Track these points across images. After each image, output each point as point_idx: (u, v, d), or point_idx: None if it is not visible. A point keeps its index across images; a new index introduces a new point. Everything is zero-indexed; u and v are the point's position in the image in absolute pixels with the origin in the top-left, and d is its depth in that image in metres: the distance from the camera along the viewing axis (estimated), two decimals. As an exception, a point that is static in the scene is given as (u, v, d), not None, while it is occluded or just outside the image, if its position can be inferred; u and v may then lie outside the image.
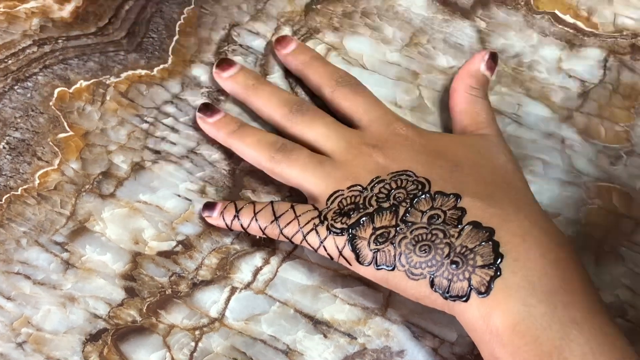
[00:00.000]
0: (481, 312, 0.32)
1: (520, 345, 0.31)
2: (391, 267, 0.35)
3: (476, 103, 0.41)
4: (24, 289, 0.39)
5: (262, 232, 0.38)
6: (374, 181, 0.37)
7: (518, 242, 0.33)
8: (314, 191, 0.38)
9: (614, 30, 0.45)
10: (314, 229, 0.36)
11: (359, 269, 0.36)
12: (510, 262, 0.32)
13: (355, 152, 0.38)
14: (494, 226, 0.34)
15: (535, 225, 0.34)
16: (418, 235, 0.34)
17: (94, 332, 0.39)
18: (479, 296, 0.32)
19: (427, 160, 0.37)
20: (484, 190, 0.36)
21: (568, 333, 0.31)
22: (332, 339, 0.39)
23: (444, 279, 0.33)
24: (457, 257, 0.33)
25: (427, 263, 0.34)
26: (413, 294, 0.34)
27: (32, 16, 0.45)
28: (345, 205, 0.36)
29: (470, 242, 0.33)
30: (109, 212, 0.41)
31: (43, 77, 0.43)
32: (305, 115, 0.40)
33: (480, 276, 0.32)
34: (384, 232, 0.35)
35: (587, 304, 0.32)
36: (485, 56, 0.42)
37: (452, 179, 0.36)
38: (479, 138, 0.39)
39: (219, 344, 0.38)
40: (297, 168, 0.38)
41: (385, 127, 0.39)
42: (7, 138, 0.42)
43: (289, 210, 0.38)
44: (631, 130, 0.43)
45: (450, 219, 0.34)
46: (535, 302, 0.31)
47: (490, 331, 0.32)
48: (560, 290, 0.32)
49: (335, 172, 0.38)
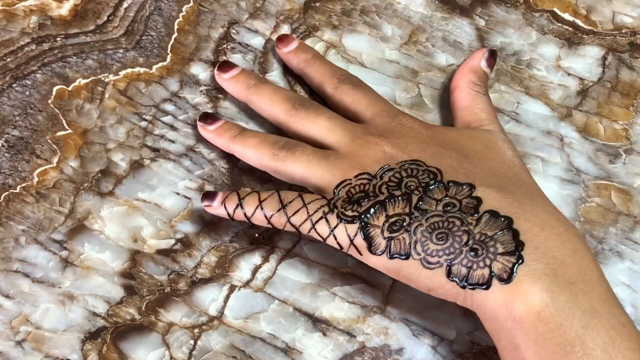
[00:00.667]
0: (504, 299, 0.32)
1: (544, 333, 0.31)
2: (405, 256, 0.34)
3: (479, 99, 0.41)
4: (23, 287, 0.39)
5: (267, 221, 0.37)
6: (384, 169, 0.36)
7: (537, 232, 0.33)
8: (320, 183, 0.37)
9: (612, 28, 0.45)
10: (323, 217, 0.35)
11: (369, 258, 0.35)
12: (531, 250, 0.32)
13: (361, 142, 0.37)
14: (511, 215, 0.33)
15: (552, 215, 0.34)
16: (434, 222, 0.34)
17: (93, 331, 0.39)
18: (501, 283, 0.32)
19: (437, 151, 0.37)
20: (497, 182, 0.35)
21: (589, 322, 0.31)
22: (331, 337, 0.39)
23: (463, 266, 0.33)
24: (476, 245, 0.33)
25: (444, 251, 0.33)
26: (427, 284, 0.34)
27: (31, 14, 0.45)
28: (355, 194, 0.36)
29: (489, 230, 0.33)
30: (107, 210, 0.41)
31: (42, 75, 0.43)
32: (308, 110, 0.40)
33: (502, 263, 0.32)
34: (398, 220, 0.34)
35: (604, 294, 0.32)
36: (485, 53, 0.42)
37: (463, 169, 0.36)
38: (486, 132, 0.39)
39: (218, 342, 0.38)
40: (302, 163, 0.38)
41: (391, 119, 0.39)
42: (6, 136, 0.42)
43: (297, 198, 0.37)
44: (630, 129, 0.43)
45: (467, 207, 0.34)
46: (558, 290, 0.31)
47: (513, 318, 0.31)
48: (580, 279, 0.32)
49: (341, 162, 0.37)
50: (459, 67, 0.43)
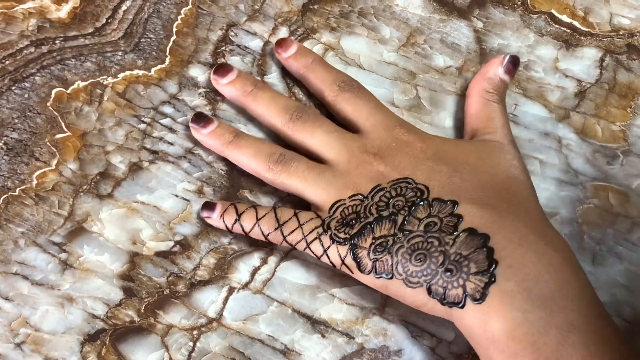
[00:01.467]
0: (477, 318, 0.32)
1: (518, 351, 0.31)
2: (390, 276, 0.35)
3: (489, 107, 0.40)
4: (22, 290, 0.39)
5: (264, 237, 0.38)
6: (375, 189, 0.37)
7: (513, 248, 0.33)
8: (316, 200, 0.38)
9: (610, 29, 0.45)
10: (317, 237, 0.37)
11: (360, 277, 0.36)
12: (504, 268, 0.33)
13: (356, 161, 0.38)
14: (490, 232, 0.34)
15: (533, 230, 0.34)
16: (414, 244, 0.35)
17: (92, 333, 0.39)
18: (474, 303, 0.32)
19: (427, 166, 0.37)
20: (482, 196, 0.36)
21: (566, 337, 0.31)
22: (330, 339, 0.39)
23: (439, 287, 0.33)
24: (451, 265, 0.33)
25: (422, 272, 0.34)
26: (412, 301, 0.35)
27: (30, 17, 0.45)
28: (348, 215, 0.37)
29: (465, 249, 0.34)
30: (106, 213, 0.41)
31: (40, 77, 0.43)
32: (306, 122, 0.40)
33: (474, 283, 0.33)
34: (383, 242, 0.35)
35: (584, 308, 0.32)
36: (505, 60, 0.42)
37: (451, 184, 0.36)
38: (482, 143, 0.39)
39: (217, 344, 0.38)
40: (297, 179, 0.38)
41: (387, 132, 0.39)
42: (5, 139, 0.42)
43: (293, 217, 0.38)
44: (627, 130, 0.43)
45: (447, 226, 0.35)
46: (531, 308, 0.31)
47: (487, 337, 0.32)
48: (557, 295, 0.32)
49: (337, 181, 0.38)
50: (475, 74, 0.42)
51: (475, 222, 0.34)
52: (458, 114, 0.43)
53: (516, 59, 0.42)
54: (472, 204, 0.35)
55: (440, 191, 0.36)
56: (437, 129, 0.43)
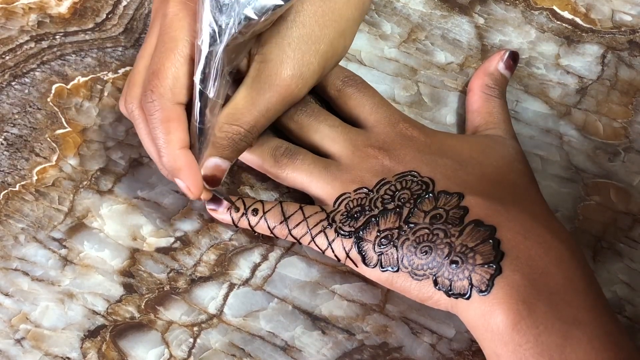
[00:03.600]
0: (482, 310, 0.32)
1: (522, 344, 0.31)
2: (395, 269, 0.35)
3: (490, 102, 0.41)
4: (22, 285, 0.39)
5: (270, 231, 0.38)
6: (380, 183, 0.37)
7: (520, 240, 0.33)
8: (321, 194, 0.38)
9: (612, 26, 0.45)
10: (322, 231, 0.37)
11: (365, 270, 0.36)
12: (511, 260, 0.32)
13: (361, 154, 0.38)
14: (495, 224, 0.34)
15: (539, 223, 0.34)
16: (420, 236, 0.35)
17: (92, 329, 0.39)
18: (479, 294, 0.32)
19: (432, 160, 0.37)
20: (488, 189, 0.36)
21: (570, 332, 0.31)
22: (331, 335, 0.39)
23: (446, 278, 0.33)
24: (456, 257, 0.33)
25: (428, 264, 0.34)
26: (417, 294, 0.35)
27: (30, 12, 0.45)
28: (352, 208, 0.37)
29: (470, 240, 0.33)
30: (107, 209, 0.41)
31: (41, 73, 0.43)
32: (310, 117, 0.40)
33: (480, 274, 0.33)
34: (388, 235, 0.35)
35: (590, 303, 0.32)
36: (505, 55, 0.42)
37: (456, 177, 0.36)
38: (485, 137, 0.39)
39: (218, 340, 0.38)
40: (302, 172, 0.38)
41: (391, 127, 0.39)
42: (5, 134, 0.42)
43: (298, 211, 0.38)
44: (629, 127, 0.43)
45: (452, 218, 0.34)
46: (537, 301, 0.31)
47: (491, 329, 0.32)
48: (563, 289, 0.32)
49: (342, 175, 0.38)
50: (476, 70, 0.43)
51: (481, 214, 0.34)
52: (459, 110, 0.43)
53: (516, 55, 0.42)
54: (478, 196, 0.35)
55: (445, 184, 0.36)
56: (438, 125, 0.43)
